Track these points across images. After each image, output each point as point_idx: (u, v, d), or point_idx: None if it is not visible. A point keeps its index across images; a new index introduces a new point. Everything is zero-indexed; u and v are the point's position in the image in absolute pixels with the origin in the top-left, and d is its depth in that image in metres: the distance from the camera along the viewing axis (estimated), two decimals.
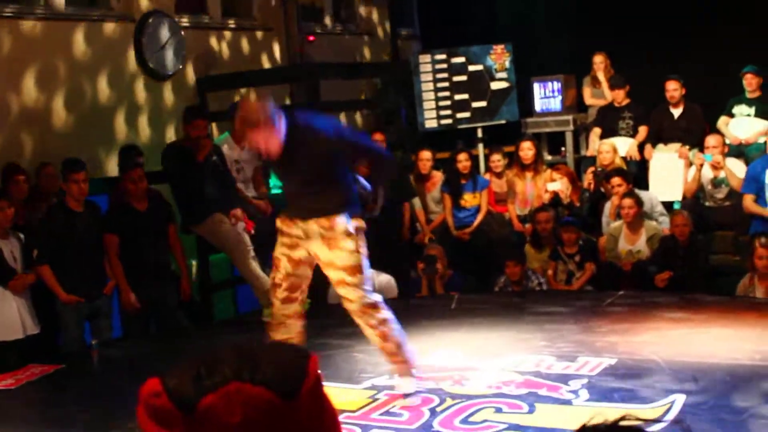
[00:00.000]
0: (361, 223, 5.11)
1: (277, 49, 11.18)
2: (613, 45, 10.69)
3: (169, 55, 9.54)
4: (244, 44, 10.77)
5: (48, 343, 7.26)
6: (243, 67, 10.61)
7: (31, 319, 7.01)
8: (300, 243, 5.12)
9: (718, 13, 10.62)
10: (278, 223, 5.24)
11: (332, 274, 5.09)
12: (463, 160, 9.63)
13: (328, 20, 12.34)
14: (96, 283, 7.27)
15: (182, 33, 9.70)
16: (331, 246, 5.01)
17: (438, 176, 9.89)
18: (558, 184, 9.34)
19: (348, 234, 4.99)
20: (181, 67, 9.69)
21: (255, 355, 1.03)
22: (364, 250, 5.07)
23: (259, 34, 11.06)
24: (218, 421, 0.97)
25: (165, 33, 9.48)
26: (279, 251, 5.22)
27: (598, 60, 10.57)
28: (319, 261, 5.15)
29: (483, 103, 10.57)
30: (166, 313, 7.68)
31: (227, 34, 10.59)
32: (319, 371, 1.06)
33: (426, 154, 9.81)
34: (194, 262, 8.57)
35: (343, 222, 5.00)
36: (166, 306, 7.64)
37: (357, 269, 5.01)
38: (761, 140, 9.24)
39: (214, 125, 9.82)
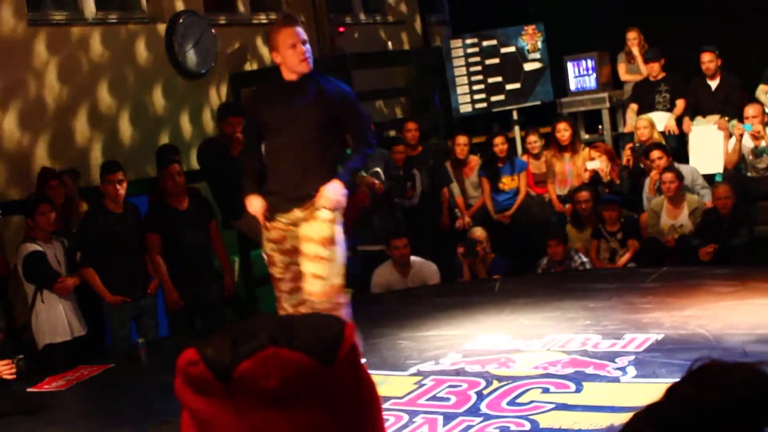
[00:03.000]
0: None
1: None
2: (645, 18, 10.55)
3: (201, 54, 9.57)
4: None
5: (95, 344, 7.34)
6: None
7: (78, 320, 7.09)
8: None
9: None
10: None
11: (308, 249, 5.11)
12: (499, 144, 9.57)
13: (357, 10, 12.33)
14: (140, 283, 7.33)
15: (213, 31, 9.73)
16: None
17: (475, 161, 9.84)
18: (597, 163, 9.26)
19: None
20: (213, 64, 9.73)
21: (291, 323, 1.04)
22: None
23: None
24: (255, 387, 0.97)
25: (195, 32, 9.52)
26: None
27: (632, 36, 10.43)
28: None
29: (517, 85, 10.50)
30: (210, 310, 7.71)
31: (258, 29, 10.61)
32: (355, 339, 1.05)
33: (462, 139, 9.77)
34: (236, 259, 8.61)
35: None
36: (210, 303, 7.68)
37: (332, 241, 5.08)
38: None
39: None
